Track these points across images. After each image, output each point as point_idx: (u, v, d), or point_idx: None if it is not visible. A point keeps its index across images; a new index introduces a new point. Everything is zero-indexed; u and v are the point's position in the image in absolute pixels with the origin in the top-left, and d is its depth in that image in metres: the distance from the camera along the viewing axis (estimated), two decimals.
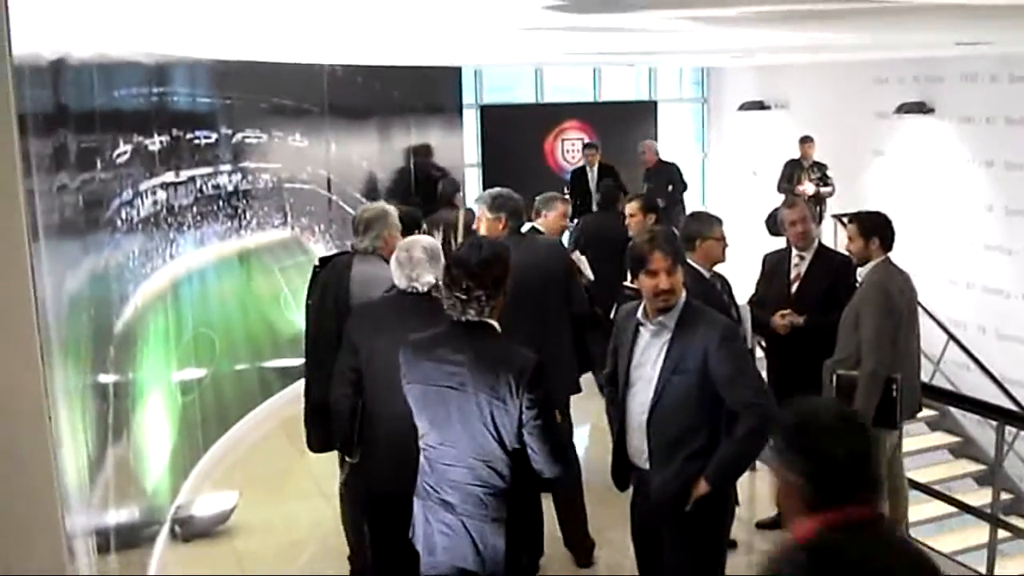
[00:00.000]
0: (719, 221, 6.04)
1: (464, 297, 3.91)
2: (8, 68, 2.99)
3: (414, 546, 4.20)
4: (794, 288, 6.34)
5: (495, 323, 4.01)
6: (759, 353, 7.03)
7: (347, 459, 5.06)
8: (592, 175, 12.98)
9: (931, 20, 7.08)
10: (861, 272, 5.97)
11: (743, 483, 7.48)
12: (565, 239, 7.95)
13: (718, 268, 6.22)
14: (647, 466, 4.44)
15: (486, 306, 3.94)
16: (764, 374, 6.84)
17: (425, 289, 4.67)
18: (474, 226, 6.17)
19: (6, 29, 2.98)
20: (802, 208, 6.43)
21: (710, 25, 7.22)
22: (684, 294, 4.39)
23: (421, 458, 4.11)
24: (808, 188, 12.83)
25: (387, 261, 5.44)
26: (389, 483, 4.55)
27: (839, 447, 2.60)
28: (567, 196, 10.07)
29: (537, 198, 6.74)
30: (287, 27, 7.02)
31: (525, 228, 6.34)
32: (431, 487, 4.06)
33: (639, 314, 4.44)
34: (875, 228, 5.86)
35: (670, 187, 13.70)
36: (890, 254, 5.87)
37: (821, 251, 6.43)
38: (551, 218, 6.61)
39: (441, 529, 4.04)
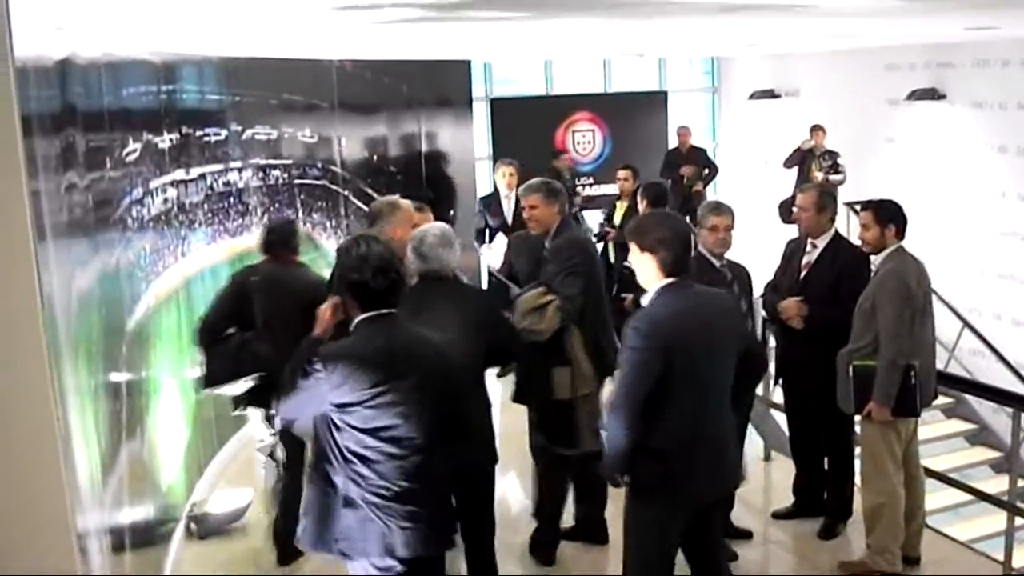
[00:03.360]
0: (718, 211, 6.02)
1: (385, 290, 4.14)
2: (10, 70, 2.99)
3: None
4: (803, 276, 6.32)
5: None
6: (772, 343, 7.01)
7: None
8: (508, 200, 9.95)
9: (939, 4, 7.04)
10: (875, 260, 5.93)
11: (757, 473, 7.53)
12: None
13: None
14: None
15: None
16: (772, 365, 6.86)
17: (441, 273, 4.94)
18: (526, 214, 6.20)
19: (8, 31, 2.98)
20: (812, 196, 6.36)
21: (722, 14, 7.21)
22: (660, 283, 4.31)
23: (359, 466, 4.05)
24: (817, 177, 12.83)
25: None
26: None
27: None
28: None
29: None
30: (296, 23, 7.01)
31: None
32: (382, 487, 4.05)
33: None
34: (891, 216, 5.82)
35: (706, 170, 14.07)
36: (903, 242, 5.84)
37: (835, 241, 6.37)
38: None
39: (402, 526, 4.07)
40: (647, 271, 4.34)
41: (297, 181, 10.17)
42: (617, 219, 10.79)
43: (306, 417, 4.17)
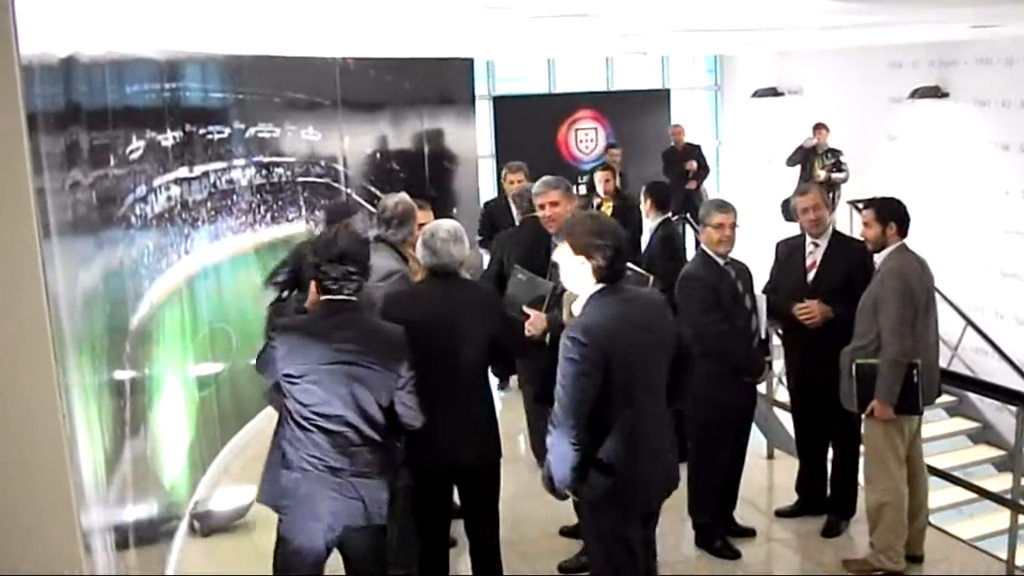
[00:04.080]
0: (722, 208, 6.02)
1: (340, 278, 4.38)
2: (16, 68, 3.00)
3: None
4: (811, 276, 6.31)
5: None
6: (776, 340, 7.01)
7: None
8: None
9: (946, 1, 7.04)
10: (877, 259, 5.93)
11: (760, 471, 7.53)
12: None
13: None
14: None
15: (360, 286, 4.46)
16: (782, 362, 6.85)
17: (451, 269, 4.98)
18: (545, 212, 6.18)
19: (13, 30, 2.98)
20: (815, 195, 6.40)
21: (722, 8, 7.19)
22: (593, 288, 4.27)
23: (299, 434, 4.37)
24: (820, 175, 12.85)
25: (400, 253, 5.54)
26: (435, 461, 4.88)
27: None
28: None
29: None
30: (299, 21, 7.01)
31: None
32: (315, 457, 4.34)
33: None
34: (891, 214, 5.82)
35: (698, 167, 14.14)
36: (906, 240, 5.84)
37: (836, 238, 6.40)
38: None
39: (330, 495, 4.35)
40: (580, 275, 4.27)
41: (300, 179, 10.18)
42: None
43: (269, 377, 4.49)
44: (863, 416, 5.90)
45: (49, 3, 3.79)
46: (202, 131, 7.91)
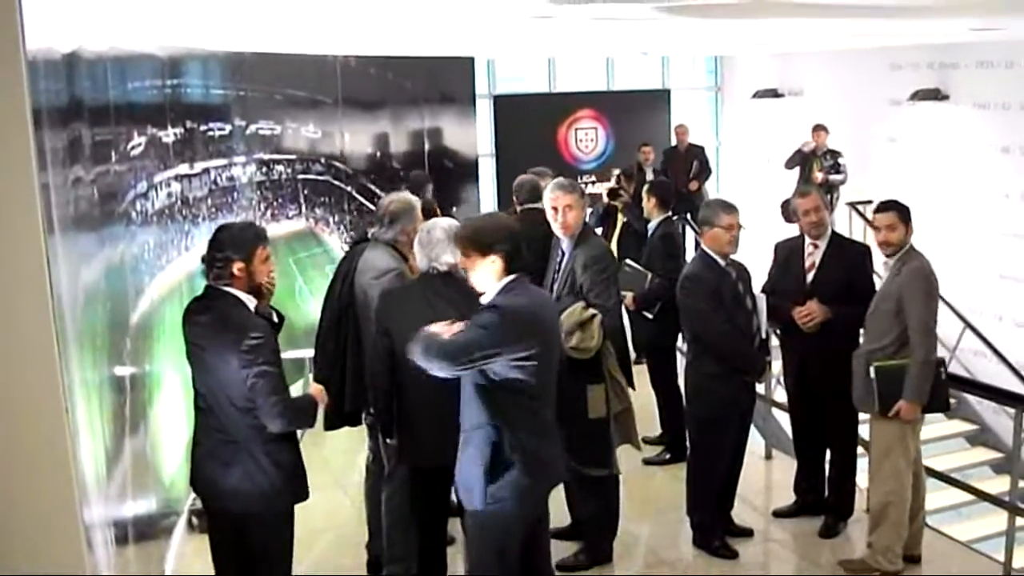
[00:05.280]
0: (729, 209, 6.01)
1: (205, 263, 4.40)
2: (22, 64, 3.00)
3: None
4: (810, 277, 6.30)
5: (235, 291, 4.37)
6: (775, 342, 7.02)
7: (387, 440, 5.17)
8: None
9: (945, 4, 7.05)
10: (883, 261, 5.90)
11: (758, 471, 7.53)
12: None
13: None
14: None
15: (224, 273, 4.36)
16: (780, 363, 6.86)
17: (445, 268, 4.92)
18: (559, 216, 6.10)
19: (20, 26, 2.99)
20: (815, 197, 6.39)
21: (730, 18, 7.19)
22: (503, 280, 4.32)
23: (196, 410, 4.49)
24: (818, 177, 12.86)
25: (400, 252, 5.53)
26: (430, 457, 4.83)
27: None
28: None
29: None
30: (300, 18, 7.02)
31: None
32: (203, 434, 4.44)
33: None
34: (909, 214, 5.82)
35: (700, 168, 14.12)
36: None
37: (835, 240, 6.40)
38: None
39: (207, 473, 4.43)
40: (488, 272, 4.32)
41: (300, 176, 10.19)
42: None
43: None
44: (872, 417, 5.87)
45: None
46: (203, 128, 7.91)
